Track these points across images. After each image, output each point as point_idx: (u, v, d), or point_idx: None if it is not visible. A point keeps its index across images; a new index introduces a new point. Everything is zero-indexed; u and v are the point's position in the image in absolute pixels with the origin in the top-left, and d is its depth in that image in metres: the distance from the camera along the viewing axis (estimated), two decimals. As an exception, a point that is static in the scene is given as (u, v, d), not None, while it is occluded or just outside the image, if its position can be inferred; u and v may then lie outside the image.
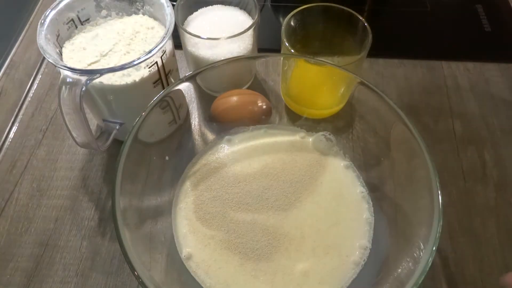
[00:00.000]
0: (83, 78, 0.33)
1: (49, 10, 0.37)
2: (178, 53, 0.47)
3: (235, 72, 0.44)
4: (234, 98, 0.43)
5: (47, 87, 0.52)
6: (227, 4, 0.48)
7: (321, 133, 0.42)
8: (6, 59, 0.55)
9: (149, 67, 0.38)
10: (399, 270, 0.30)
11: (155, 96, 0.35)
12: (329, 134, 0.42)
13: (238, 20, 0.46)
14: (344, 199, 0.38)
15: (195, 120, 0.43)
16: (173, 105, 0.40)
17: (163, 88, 0.41)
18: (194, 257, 0.35)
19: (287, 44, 0.41)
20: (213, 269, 0.35)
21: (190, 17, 0.47)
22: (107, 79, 0.37)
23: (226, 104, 0.43)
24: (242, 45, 0.45)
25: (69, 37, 0.40)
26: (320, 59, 0.38)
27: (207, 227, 0.37)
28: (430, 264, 0.27)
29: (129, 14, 0.42)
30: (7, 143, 0.47)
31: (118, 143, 0.38)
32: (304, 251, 0.35)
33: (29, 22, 0.60)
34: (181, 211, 0.38)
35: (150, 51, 0.35)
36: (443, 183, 0.30)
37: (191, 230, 0.37)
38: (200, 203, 0.38)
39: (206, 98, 0.42)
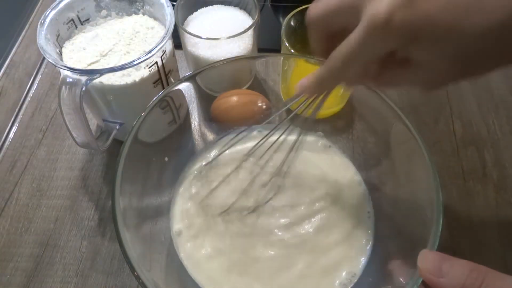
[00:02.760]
0: (83, 78, 0.33)
1: (49, 10, 0.37)
2: (178, 53, 0.47)
3: (235, 72, 0.44)
4: (234, 98, 0.43)
5: (47, 87, 0.52)
6: (227, 4, 0.48)
7: (320, 133, 0.42)
8: (6, 59, 0.55)
9: (149, 67, 0.37)
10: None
11: (155, 96, 0.35)
12: (323, 136, 0.42)
13: (238, 20, 0.46)
14: (344, 199, 0.38)
15: (195, 120, 0.43)
16: (173, 105, 0.40)
17: (163, 88, 0.41)
18: (190, 260, 0.35)
19: (287, 44, 0.41)
20: (205, 266, 0.35)
21: (190, 17, 0.47)
22: (107, 79, 0.37)
23: (226, 104, 0.43)
24: (242, 45, 0.45)
25: (69, 37, 0.40)
26: (320, 59, 0.38)
27: (206, 227, 0.37)
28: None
29: (129, 14, 0.42)
30: (7, 143, 0.47)
31: (118, 143, 0.38)
32: (303, 250, 0.35)
33: (29, 22, 0.60)
34: (180, 211, 0.38)
35: (150, 51, 0.35)
36: (443, 183, 0.30)
37: (189, 230, 0.37)
38: (200, 203, 0.38)
39: (206, 98, 0.42)
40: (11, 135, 0.48)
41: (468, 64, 0.21)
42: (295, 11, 0.43)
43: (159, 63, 0.38)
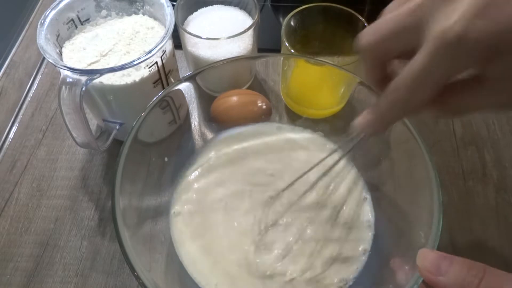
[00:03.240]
0: (83, 78, 0.33)
1: (49, 10, 0.37)
2: (178, 53, 0.47)
3: (235, 72, 0.44)
4: (234, 98, 0.43)
5: (47, 87, 0.52)
6: (227, 4, 0.48)
7: (320, 133, 0.43)
8: (6, 59, 0.55)
9: (149, 67, 0.38)
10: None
11: (155, 96, 0.35)
12: (323, 136, 0.42)
13: (238, 20, 0.46)
14: (345, 199, 0.38)
15: (195, 120, 0.43)
16: (173, 105, 0.40)
17: (163, 88, 0.41)
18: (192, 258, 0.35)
19: (287, 44, 0.41)
20: (202, 265, 0.35)
21: (190, 17, 0.47)
22: (107, 79, 0.37)
23: (226, 104, 0.43)
24: (242, 45, 0.45)
25: (69, 37, 0.40)
26: (320, 59, 0.38)
27: (205, 227, 0.37)
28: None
29: (129, 14, 0.42)
30: (7, 143, 0.47)
31: (118, 143, 0.38)
32: (303, 251, 0.35)
33: (29, 22, 0.60)
34: (179, 212, 0.38)
35: (150, 51, 0.35)
36: (443, 183, 0.30)
37: (189, 229, 0.37)
38: (199, 202, 0.38)
39: (206, 98, 0.42)
40: (11, 135, 0.48)
41: None
42: (295, 11, 0.43)
43: (159, 63, 0.38)
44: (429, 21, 0.19)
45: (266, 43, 0.49)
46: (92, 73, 0.34)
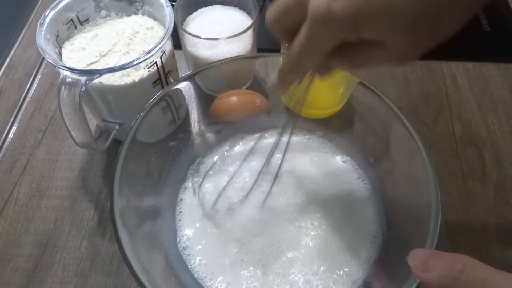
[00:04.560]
0: (83, 78, 0.33)
1: (49, 10, 0.37)
2: (177, 53, 0.47)
3: (234, 72, 0.44)
4: (234, 98, 0.43)
5: (46, 87, 0.52)
6: (226, 4, 0.48)
7: (319, 133, 0.43)
8: (5, 59, 0.55)
9: (148, 67, 0.37)
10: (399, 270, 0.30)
11: (155, 96, 0.35)
12: (322, 135, 0.42)
13: (238, 20, 0.46)
14: (347, 200, 0.38)
15: (195, 120, 0.43)
16: (173, 105, 0.40)
17: (163, 88, 0.41)
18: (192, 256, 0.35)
19: (286, 44, 0.41)
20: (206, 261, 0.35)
21: (190, 17, 0.47)
22: (107, 79, 0.37)
23: (225, 104, 0.43)
24: (242, 45, 0.45)
25: (68, 37, 0.40)
26: None
27: (206, 226, 0.37)
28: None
29: (129, 14, 0.42)
30: (6, 143, 0.47)
31: (118, 143, 0.38)
32: (305, 252, 0.35)
33: (28, 22, 0.60)
34: (181, 211, 0.38)
35: (149, 51, 0.35)
36: (442, 183, 0.30)
37: (191, 230, 0.37)
38: (200, 202, 0.38)
39: (205, 98, 0.42)
40: (11, 135, 0.48)
41: (421, 32, 0.21)
42: (294, 11, 0.43)
43: (159, 63, 0.38)
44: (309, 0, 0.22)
45: (266, 43, 0.49)
46: (91, 73, 0.34)
